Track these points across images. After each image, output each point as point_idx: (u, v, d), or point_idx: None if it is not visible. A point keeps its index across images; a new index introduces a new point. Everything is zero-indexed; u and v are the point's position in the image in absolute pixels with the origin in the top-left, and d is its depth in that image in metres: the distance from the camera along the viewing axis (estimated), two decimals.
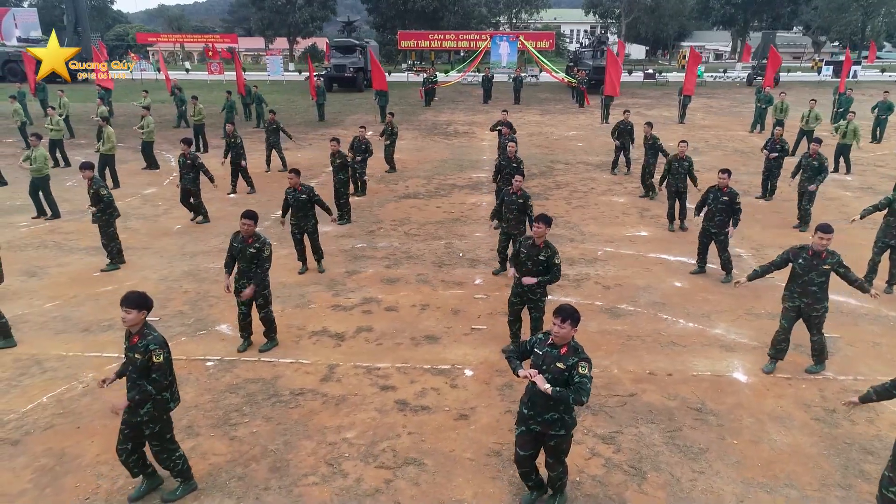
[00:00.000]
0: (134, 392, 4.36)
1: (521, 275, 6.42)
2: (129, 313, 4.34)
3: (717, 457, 5.24)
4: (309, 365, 6.69)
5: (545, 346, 4.23)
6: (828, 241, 6.07)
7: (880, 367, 6.65)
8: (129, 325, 4.37)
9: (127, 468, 4.64)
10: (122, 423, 4.48)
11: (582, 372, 4.03)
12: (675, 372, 6.56)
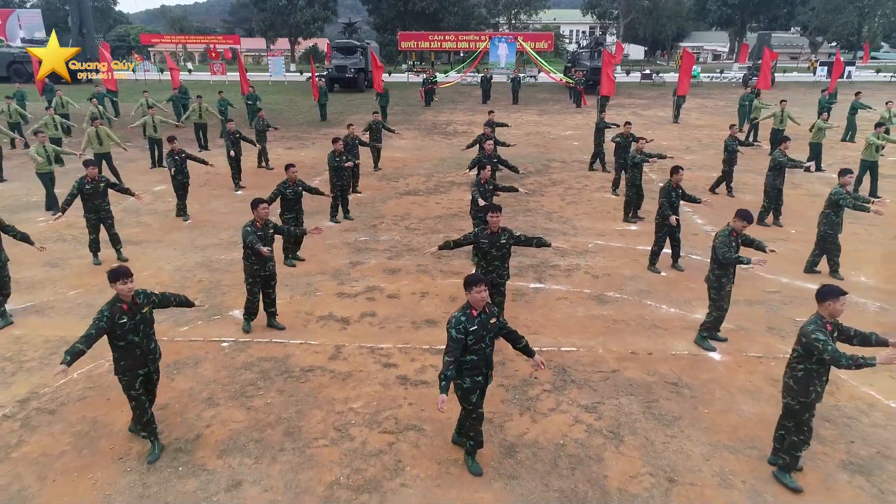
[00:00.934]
0: (156, 344, 5.20)
1: (488, 265, 6.81)
2: (131, 281, 4.95)
3: (689, 423, 5.78)
4: (317, 345, 7.23)
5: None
6: (743, 226, 6.70)
7: (844, 346, 7.17)
8: (131, 292, 4.94)
9: (150, 429, 5.27)
10: (140, 383, 5.13)
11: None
12: (655, 351, 7.10)
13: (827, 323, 4.61)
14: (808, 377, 4.68)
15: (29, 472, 5.15)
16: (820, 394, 4.77)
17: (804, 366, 4.68)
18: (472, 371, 4.80)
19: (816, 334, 4.49)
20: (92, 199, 9.49)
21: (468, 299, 4.72)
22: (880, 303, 8.33)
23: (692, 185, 14.99)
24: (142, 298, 5.08)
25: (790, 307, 8.18)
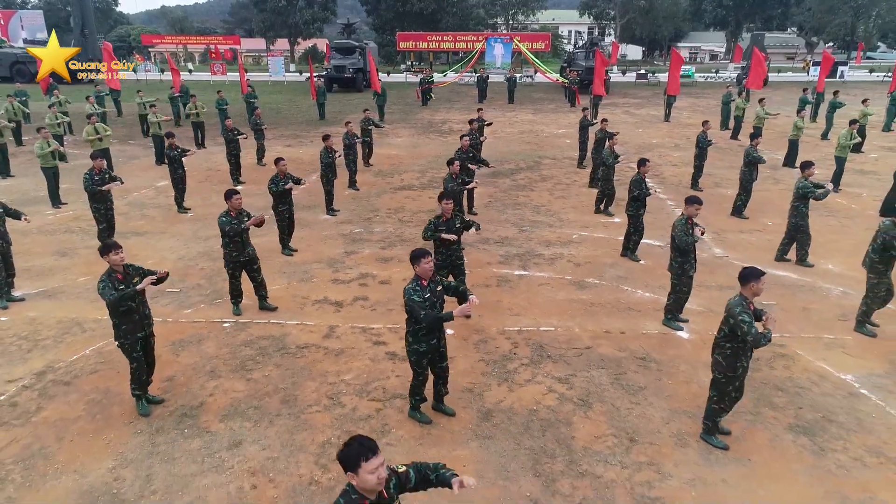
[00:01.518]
0: (150, 311, 5.82)
1: (447, 249, 7.41)
2: (122, 252, 5.62)
3: (653, 392, 6.29)
4: (312, 326, 7.74)
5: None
6: (696, 210, 7.24)
7: (806, 326, 7.70)
8: (123, 261, 5.58)
9: (143, 388, 5.89)
10: (140, 346, 5.75)
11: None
12: (627, 330, 7.61)
13: (750, 303, 5.06)
14: (734, 355, 5.13)
15: (48, 433, 5.65)
16: (746, 368, 5.21)
17: (731, 344, 5.12)
18: (427, 335, 5.36)
19: (742, 316, 4.92)
20: (97, 193, 9.99)
21: (416, 271, 5.25)
22: (843, 288, 8.83)
23: (678, 180, 15.55)
24: (132, 270, 5.64)
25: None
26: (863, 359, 6.91)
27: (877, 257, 7.15)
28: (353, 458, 2.77)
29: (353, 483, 2.83)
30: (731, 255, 10.17)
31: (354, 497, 2.83)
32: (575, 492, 4.92)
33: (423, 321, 5.12)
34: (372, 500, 2.86)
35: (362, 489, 2.82)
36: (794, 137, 16.59)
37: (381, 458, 2.79)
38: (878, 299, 7.39)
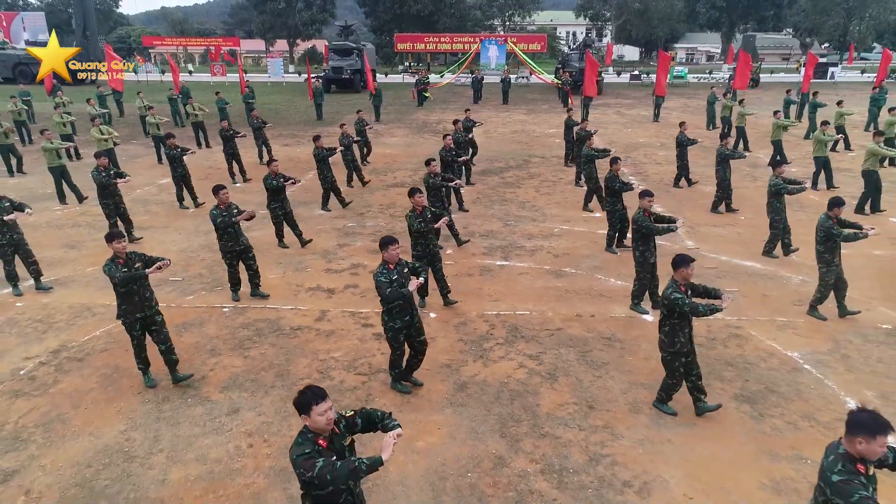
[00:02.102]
0: (152, 293, 6.36)
1: (425, 240, 7.99)
2: (125, 241, 6.30)
3: (615, 367, 6.90)
4: (305, 310, 8.35)
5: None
6: (650, 202, 7.91)
7: (763, 310, 8.31)
8: (125, 250, 6.22)
9: (145, 364, 6.49)
10: (140, 325, 6.32)
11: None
12: (597, 314, 8.22)
13: (681, 285, 5.65)
14: (672, 331, 5.72)
15: (65, 402, 6.26)
16: (685, 344, 5.78)
17: (669, 322, 5.72)
18: (401, 313, 5.99)
19: (675, 295, 5.52)
20: (107, 187, 10.60)
21: (384, 257, 5.90)
22: (803, 277, 9.43)
23: (660, 178, 16.16)
24: (134, 257, 6.26)
25: (721, 280, 9.28)
26: (810, 339, 7.53)
27: (822, 248, 7.75)
28: (306, 403, 3.37)
29: (307, 424, 3.42)
30: (702, 247, 10.77)
31: (310, 436, 3.41)
32: (536, 450, 5.53)
33: (388, 296, 5.74)
34: (325, 437, 3.44)
35: (315, 429, 3.41)
36: (775, 139, 17.14)
37: (329, 403, 3.39)
38: (829, 287, 7.98)
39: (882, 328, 7.78)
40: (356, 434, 3.69)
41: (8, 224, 8.57)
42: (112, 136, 15.44)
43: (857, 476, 3.21)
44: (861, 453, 3.22)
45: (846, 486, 3.16)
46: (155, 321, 6.46)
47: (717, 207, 12.82)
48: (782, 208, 10.03)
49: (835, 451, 3.34)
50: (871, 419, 3.19)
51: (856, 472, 3.23)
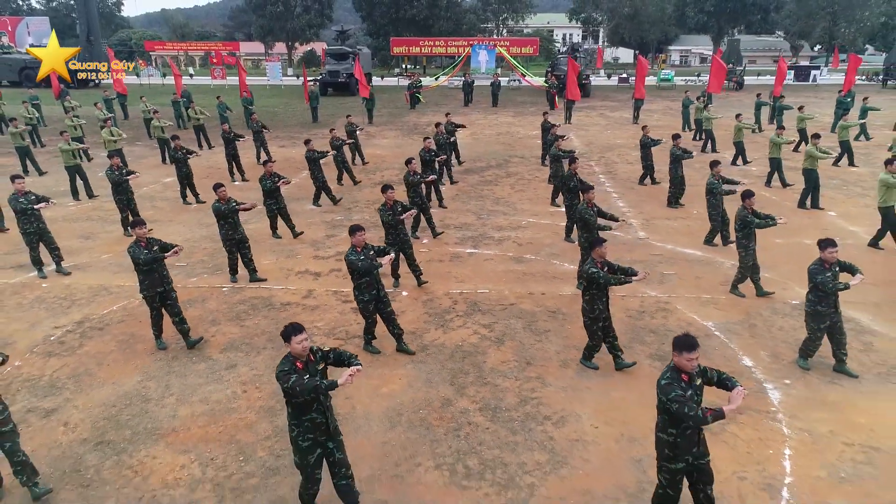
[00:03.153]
0: (167, 272, 7.54)
1: (396, 231, 9.22)
2: (146, 228, 7.56)
3: (554, 334, 8.13)
4: (294, 290, 9.59)
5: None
6: (591, 197, 9.10)
7: (692, 289, 9.54)
8: (146, 235, 7.44)
9: (160, 331, 7.70)
10: (160, 298, 7.53)
11: None
12: (547, 292, 9.46)
13: (598, 262, 6.86)
14: (591, 300, 6.94)
15: (90, 361, 7.49)
16: (602, 311, 6.98)
17: (589, 293, 6.93)
18: (368, 288, 7.25)
19: (591, 270, 6.74)
20: (121, 184, 11.83)
21: (352, 241, 7.15)
22: (734, 262, 10.61)
23: (627, 176, 17.39)
24: (153, 241, 7.51)
25: (662, 265, 10.52)
26: (726, 312, 8.76)
27: (740, 235, 8.98)
28: (287, 334, 4.62)
29: (289, 351, 4.66)
30: (651, 237, 12.01)
31: (290, 359, 4.65)
32: (477, 394, 6.76)
33: (361, 268, 7.01)
34: (303, 361, 4.68)
35: (294, 354, 4.65)
36: (737, 140, 18.37)
37: (304, 335, 4.63)
38: (748, 268, 9.21)
39: (790, 303, 9.01)
40: (329, 365, 4.91)
41: (35, 214, 9.80)
42: (121, 138, 16.70)
43: (678, 382, 4.45)
44: (678, 365, 4.46)
45: (667, 387, 4.40)
46: (171, 296, 7.68)
47: (673, 203, 14.05)
48: (718, 204, 11.25)
49: (668, 367, 4.58)
50: (682, 339, 4.43)
51: (678, 380, 4.47)
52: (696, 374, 4.57)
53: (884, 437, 6.03)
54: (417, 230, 12.03)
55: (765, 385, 6.96)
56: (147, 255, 7.30)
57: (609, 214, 9.26)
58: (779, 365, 7.37)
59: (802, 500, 5.25)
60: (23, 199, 9.78)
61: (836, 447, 5.89)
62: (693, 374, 4.54)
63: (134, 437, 6.07)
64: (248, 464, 5.68)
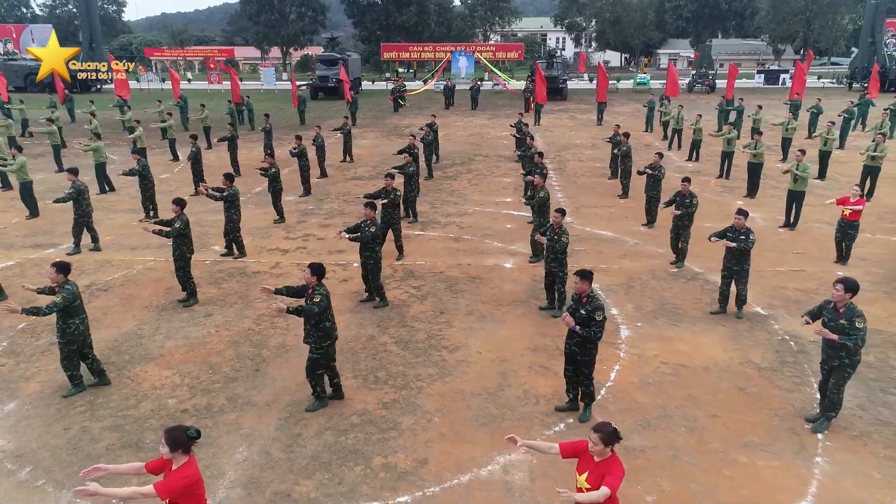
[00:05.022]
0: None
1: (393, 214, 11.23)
2: (180, 207, 9.31)
3: (469, 293, 10.14)
4: (264, 262, 11.61)
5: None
6: (540, 183, 10.97)
7: (593, 261, 11.51)
8: (179, 213, 9.32)
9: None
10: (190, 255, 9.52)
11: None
12: (473, 263, 11.47)
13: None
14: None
15: (97, 312, 9.49)
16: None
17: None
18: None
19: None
20: (146, 177, 13.91)
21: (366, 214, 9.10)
22: (637, 241, 12.68)
23: (574, 171, 19.39)
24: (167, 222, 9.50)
25: (576, 243, 12.46)
26: (614, 277, 10.77)
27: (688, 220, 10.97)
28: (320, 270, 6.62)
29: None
30: (575, 221, 14.01)
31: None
32: (396, 333, 8.77)
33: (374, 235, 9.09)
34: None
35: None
36: (696, 138, 20.40)
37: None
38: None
39: (670, 272, 11.03)
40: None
41: (87, 199, 11.83)
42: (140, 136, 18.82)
43: (577, 302, 6.44)
44: (577, 291, 6.43)
45: (569, 308, 6.41)
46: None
47: (627, 193, 16.00)
48: (656, 196, 13.20)
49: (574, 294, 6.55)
50: (582, 272, 6.41)
51: (577, 300, 6.45)
52: (582, 300, 6.48)
53: (694, 359, 8.05)
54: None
55: (620, 326, 8.97)
56: (176, 229, 9.33)
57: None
58: (638, 313, 9.38)
59: (615, 396, 7.26)
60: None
61: (654, 365, 7.91)
62: (580, 297, 6.47)
63: (131, 359, 8.09)
64: (214, 375, 7.70)
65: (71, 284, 7.08)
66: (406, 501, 5.62)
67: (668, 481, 5.85)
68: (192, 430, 4.08)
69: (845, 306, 6.21)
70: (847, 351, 6.18)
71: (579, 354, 6.58)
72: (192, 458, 4.12)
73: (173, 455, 4.03)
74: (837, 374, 6.37)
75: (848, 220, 11.14)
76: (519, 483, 5.86)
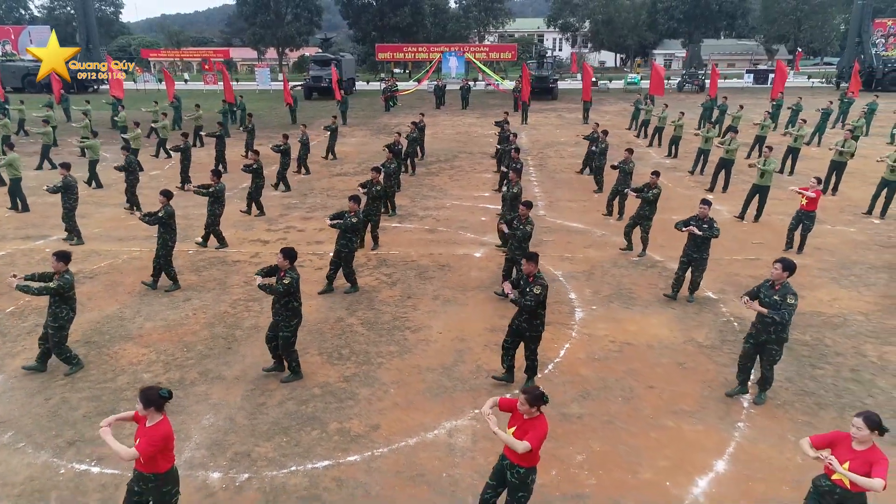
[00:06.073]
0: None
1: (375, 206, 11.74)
2: (167, 199, 9.85)
3: (437, 279, 10.65)
4: (245, 252, 12.11)
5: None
6: (516, 180, 11.46)
7: (559, 250, 12.03)
8: (165, 205, 9.82)
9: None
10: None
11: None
12: (444, 253, 11.98)
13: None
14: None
15: (82, 297, 9.91)
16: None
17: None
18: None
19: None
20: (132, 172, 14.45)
21: (350, 207, 9.58)
22: (604, 232, 13.19)
23: (554, 166, 19.91)
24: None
25: (546, 234, 13.02)
26: (577, 265, 11.28)
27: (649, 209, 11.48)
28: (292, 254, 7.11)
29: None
30: (548, 214, 14.53)
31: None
32: (363, 315, 9.27)
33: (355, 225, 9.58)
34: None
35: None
36: (676, 135, 20.93)
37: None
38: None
39: (632, 260, 11.54)
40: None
41: (76, 194, 12.34)
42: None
43: (524, 282, 6.92)
44: (525, 271, 6.93)
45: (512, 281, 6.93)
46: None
47: (601, 188, 16.50)
48: (622, 190, 13.71)
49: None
50: (528, 254, 6.91)
51: (525, 280, 6.92)
52: (528, 280, 6.97)
53: (640, 337, 8.56)
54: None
55: (575, 309, 9.48)
56: (158, 217, 9.88)
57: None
58: (594, 298, 9.89)
59: (560, 370, 7.76)
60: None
61: (602, 343, 8.42)
62: (527, 278, 6.95)
63: (111, 339, 8.60)
64: (188, 353, 8.21)
65: (70, 274, 7.56)
66: (356, 460, 6.13)
67: (598, 443, 6.36)
68: (163, 390, 4.59)
69: (782, 284, 6.71)
70: (775, 326, 6.67)
71: (527, 330, 7.08)
72: (165, 417, 4.63)
73: (147, 412, 4.54)
74: (767, 354, 6.88)
75: (805, 211, 11.66)
76: (461, 445, 6.37)
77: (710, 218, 9.33)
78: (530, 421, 4.64)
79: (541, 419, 4.67)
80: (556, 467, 5.99)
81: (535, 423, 4.63)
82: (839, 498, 4.45)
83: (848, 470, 4.29)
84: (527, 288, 6.85)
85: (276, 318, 7.35)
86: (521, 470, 4.72)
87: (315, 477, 5.88)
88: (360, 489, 5.72)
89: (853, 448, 4.40)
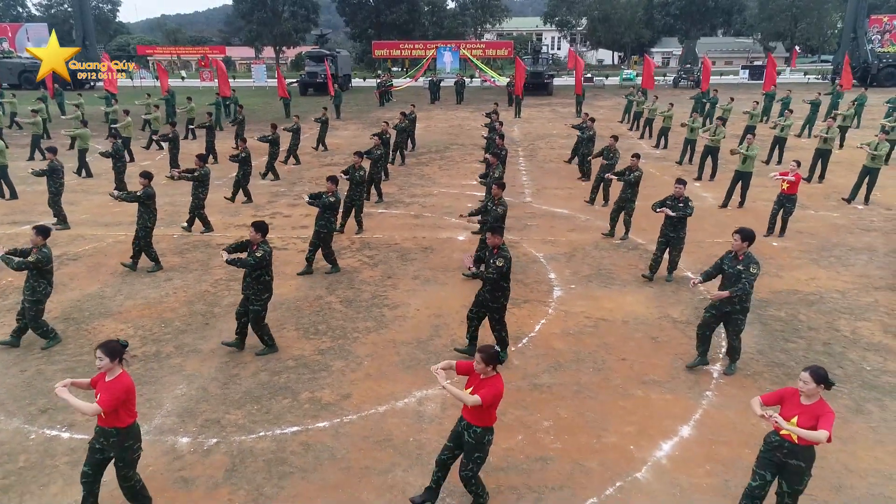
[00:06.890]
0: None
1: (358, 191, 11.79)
2: (148, 180, 9.90)
3: (419, 261, 10.70)
4: (231, 236, 12.14)
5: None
6: (494, 160, 11.52)
7: (543, 234, 12.09)
8: (145, 186, 9.88)
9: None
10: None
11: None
12: (428, 236, 12.04)
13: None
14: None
15: (65, 277, 10.03)
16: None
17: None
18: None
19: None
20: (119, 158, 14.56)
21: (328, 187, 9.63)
22: (589, 217, 13.25)
23: (543, 157, 19.98)
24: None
25: (531, 219, 13.08)
26: (559, 248, 11.34)
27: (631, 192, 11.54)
28: (263, 227, 7.17)
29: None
30: (534, 201, 14.60)
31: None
32: (343, 294, 9.33)
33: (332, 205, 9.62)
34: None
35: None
36: (665, 126, 21.01)
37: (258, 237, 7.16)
38: None
39: (613, 242, 11.60)
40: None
41: (62, 178, 12.42)
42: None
43: (489, 254, 6.97)
44: (490, 244, 6.98)
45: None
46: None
47: (587, 177, 16.55)
48: (606, 178, 13.76)
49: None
50: (492, 228, 6.97)
51: (490, 252, 6.98)
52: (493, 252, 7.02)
53: (616, 314, 8.61)
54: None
55: (554, 287, 9.54)
56: (137, 195, 9.93)
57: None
58: (574, 278, 9.95)
59: (535, 344, 7.82)
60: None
61: (578, 319, 8.48)
62: (492, 250, 7.00)
63: (91, 315, 8.66)
64: (166, 328, 8.27)
65: (48, 248, 7.60)
66: (324, 426, 6.18)
67: (566, 410, 6.42)
68: (122, 340, 4.68)
69: (745, 254, 6.78)
70: (738, 297, 6.73)
71: (490, 301, 7.14)
72: (125, 371, 4.69)
73: (112, 365, 4.60)
74: (732, 324, 6.94)
75: (786, 194, 11.72)
76: (430, 412, 6.42)
77: (686, 197, 9.39)
78: (486, 380, 4.69)
79: (497, 378, 4.72)
80: (523, 433, 6.04)
81: (491, 381, 4.68)
82: (788, 452, 4.51)
83: (796, 424, 4.35)
84: (490, 260, 6.91)
85: (247, 293, 7.39)
86: (477, 430, 4.78)
87: (283, 441, 5.94)
88: (326, 452, 5.77)
89: (801, 403, 4.46)
